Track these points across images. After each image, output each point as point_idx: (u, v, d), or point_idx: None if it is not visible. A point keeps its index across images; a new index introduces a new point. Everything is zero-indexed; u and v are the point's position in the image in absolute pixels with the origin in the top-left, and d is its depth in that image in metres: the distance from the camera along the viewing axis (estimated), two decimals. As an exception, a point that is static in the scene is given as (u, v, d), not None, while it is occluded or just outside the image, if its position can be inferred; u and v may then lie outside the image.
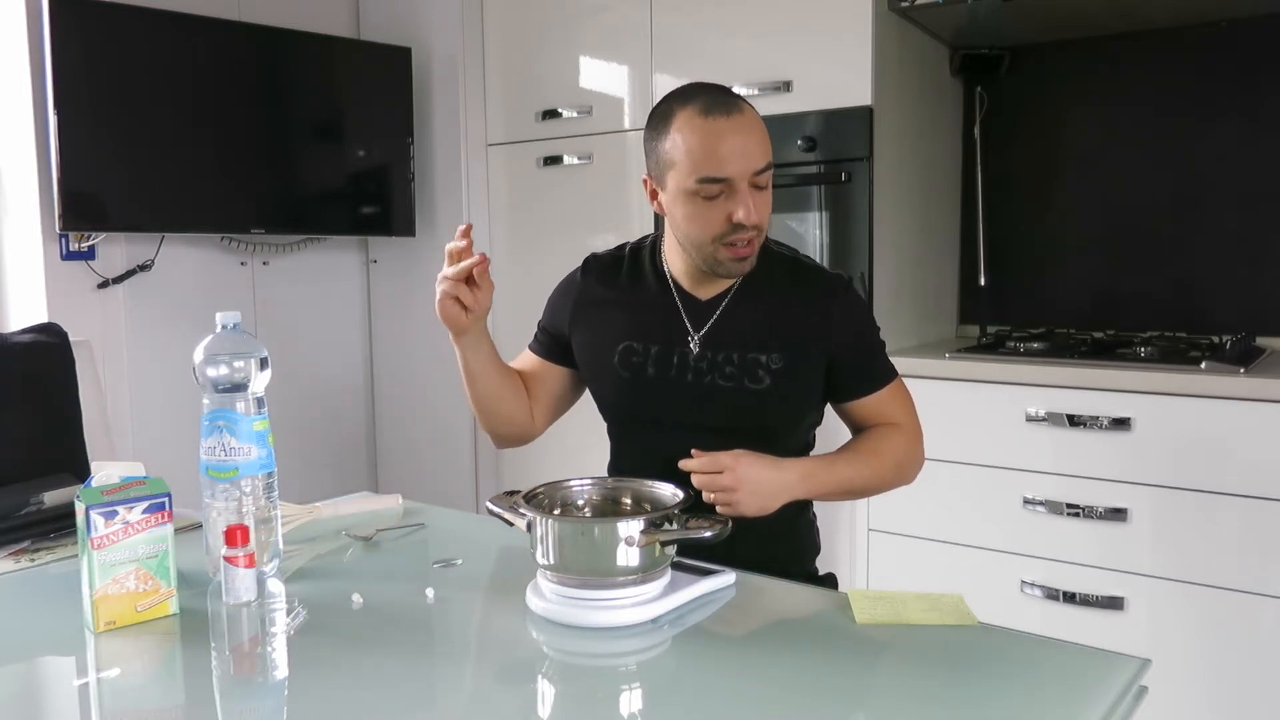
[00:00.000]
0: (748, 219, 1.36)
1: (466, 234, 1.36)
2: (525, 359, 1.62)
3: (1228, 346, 2.18)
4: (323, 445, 3.24)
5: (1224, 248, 2.47)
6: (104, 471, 1.22)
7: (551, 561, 1.11)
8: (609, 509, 1.24)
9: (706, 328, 1.46)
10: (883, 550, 2.34)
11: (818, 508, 1.57)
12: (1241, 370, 1.95)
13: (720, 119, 1.35)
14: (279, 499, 1.28)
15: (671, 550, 1.12)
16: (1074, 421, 2.07)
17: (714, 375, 1.44)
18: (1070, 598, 2.09)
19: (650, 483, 1.24)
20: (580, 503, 1.24)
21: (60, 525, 1.47)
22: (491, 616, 1.20)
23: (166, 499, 1.14)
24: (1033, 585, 2.13)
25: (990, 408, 2.17)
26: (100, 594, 1.09)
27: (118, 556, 1.10)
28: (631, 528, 1.08)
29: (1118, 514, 2.04)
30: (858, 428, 1.51)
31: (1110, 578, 2.05)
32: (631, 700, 0.96)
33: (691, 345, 1.46)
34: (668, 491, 1.20)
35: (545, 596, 1.11)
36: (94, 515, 1.09)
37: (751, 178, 1.36)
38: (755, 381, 1.42)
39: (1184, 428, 1.97)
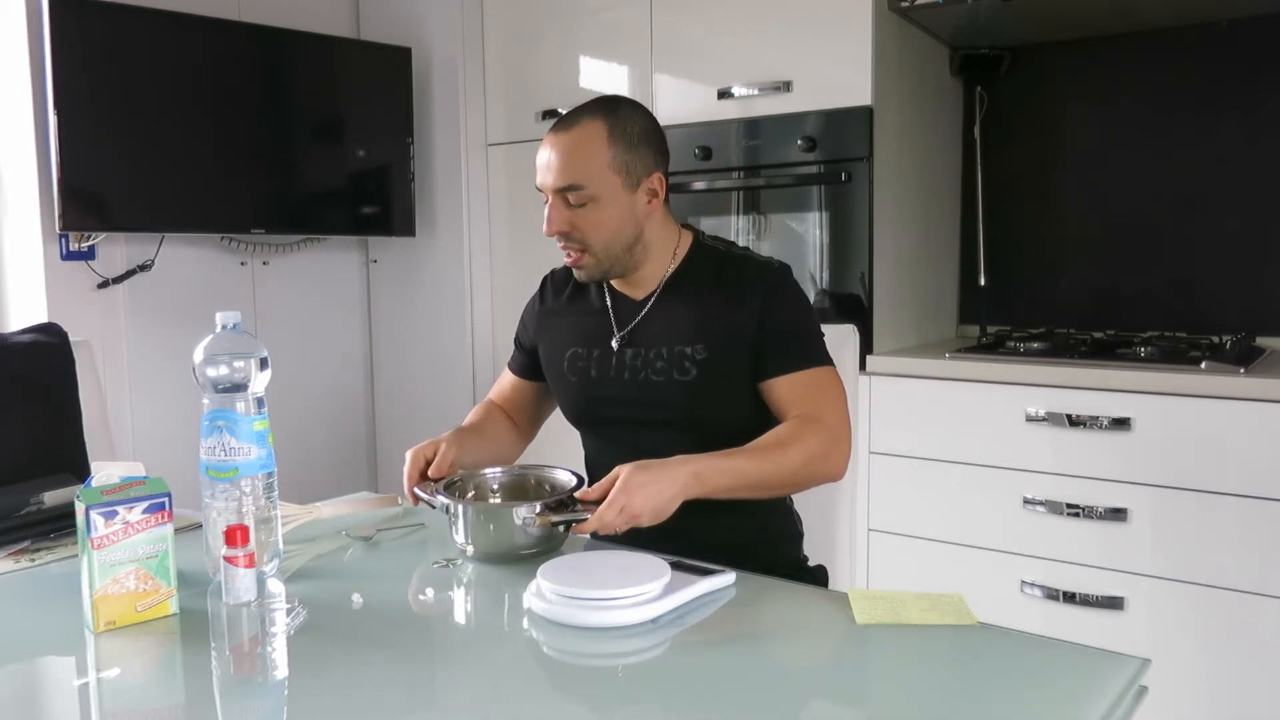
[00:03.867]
0: (545, 229, 1.47)
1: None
2: (505, 380, 1.71)
3: (1228, 346, 2.18)
4: (323, 445, 3.24)
5: (1224, 248, 2.47)
6: (104, 471, 1.22)
7: (464, 541, 1.29)
8: (516, 493, 1.43)
9: (632, 326, 1.52)
10: (883, 550, 2.34)
11: (807, 500, 1.56)
12: (1241, 370, 1.95)
13: (549, 134, 1.47)
14: (279, 499, 1.28)
15: (565, 530, 1.28)
16: (1074, 421, 2.07)
17: (647, 371, 1.49)
18: (1070, 598, 2.09)
19: (552, 467, 1.42)
20: (495, 487, 1.44)
21: (60, 525, 1.47)
22: (491, 616, 1.20)
23: (166, 499, 1.14)
24: (1033, 585, 2.13)
25: (990, 408, 2.17)
26: (100, 594, 1.09)
27: (118, 556, 1.10)
28: (526, 510, 1.26)
29: (1118, 514, 2.04)
30: (780, 414, 1.43)
31: (1110, 578, 2.05)
32: (631, 700, 0.96)
33: (621, 344, 1.52)
34: (565, 475, 1.39)
35: (545, 597, 1.11)
36: (94, 515, 1.09)
37: (556, 192, 1.45)
38: (683, 374, 1.46)
39: (1184, 428, 1.97)
